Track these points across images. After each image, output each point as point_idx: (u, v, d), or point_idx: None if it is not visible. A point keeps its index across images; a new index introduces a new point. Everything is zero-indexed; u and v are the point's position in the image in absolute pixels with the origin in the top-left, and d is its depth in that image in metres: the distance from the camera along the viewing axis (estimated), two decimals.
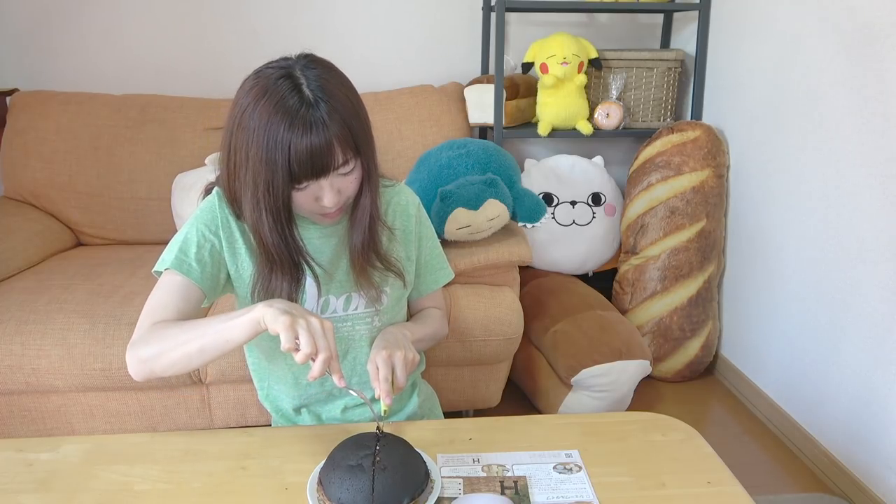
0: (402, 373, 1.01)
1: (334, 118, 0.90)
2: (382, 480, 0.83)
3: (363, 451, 0.86)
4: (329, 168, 0.92)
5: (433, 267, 1.23)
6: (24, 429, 1.71)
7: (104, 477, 0.92)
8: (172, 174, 2.18)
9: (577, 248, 2.33)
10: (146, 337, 0.94)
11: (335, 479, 0.84)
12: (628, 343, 1.90)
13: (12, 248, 1.96)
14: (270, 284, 1.00)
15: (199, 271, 1.01)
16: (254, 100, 0.91)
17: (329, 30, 2.45)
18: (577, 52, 2.19)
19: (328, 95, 0.91)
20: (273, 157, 0.89)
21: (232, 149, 0.95)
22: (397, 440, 0.91)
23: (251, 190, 0.93)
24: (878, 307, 1.59)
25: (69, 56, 2.39)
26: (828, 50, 1.72)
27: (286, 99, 0.89)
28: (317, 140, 0.89)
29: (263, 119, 0.89)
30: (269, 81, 0.91)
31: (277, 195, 0.92)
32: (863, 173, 1.62)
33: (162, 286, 1.01)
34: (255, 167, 0.91)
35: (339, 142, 0.91)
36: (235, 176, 0.96)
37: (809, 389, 1.86)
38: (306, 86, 0.90)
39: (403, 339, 1.07)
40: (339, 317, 1.10)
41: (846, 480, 1.70)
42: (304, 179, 0.92)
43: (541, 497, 0.88)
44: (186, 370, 0.93)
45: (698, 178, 2.16)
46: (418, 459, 0.90)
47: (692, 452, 0.98)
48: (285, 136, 0.88)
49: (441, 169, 1.85)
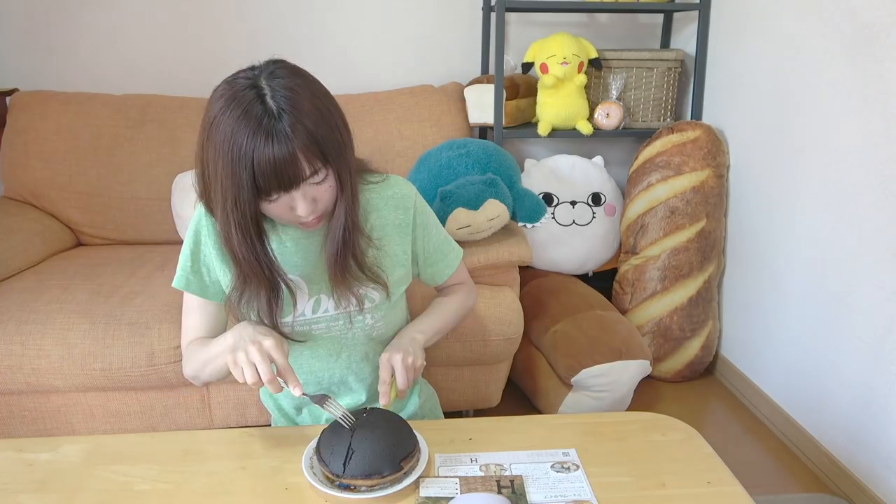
0: (403, 376, 1.01)
1: (297, 129, 0.87)
2: (365, 441, 0.89)
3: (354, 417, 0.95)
4: (298, 180, 0.89)
5: (442, 252, 1.20)
6: (24, 429, 1.71)
7: (104, 477, 0.92)
8: (172, 174, 2.18)
9: (577, 248, 2.33)
10: (185, 357, 1.09)
11: (322, 440, 0.93)
12: (628, 343, 1.90)
13: (12, 248, 1.96)
14: (246, 295, 1.00)
15: (197, 284, 1.07)
16: (220, 111, 0.89)
17: (329, 30, 2.45)
18: (577, 52, 2.19)
19: (292, 105, 0.88)
20: (238, 172, 0.87)
21: (203, 162, 0.93)
22: (390, 413, 0.97)
23: (220, 204, 0.92)
24: (878, 307, 1.59)
25: (69, 56, 2.40)
26: (828, 50, 1.72)
27: (249, 110, 0.86)
28: (279, 152, 0.86)
29: (228, 132, 0.87)
30: (235, 91, 0.89)
31: (245, 210, 0.91)
32: (863, 173, 1.62)
33: (185, 306, 1.12)
34: (223, 182, 0.89)
35: (303, 153, 0.88)
36: (208, 189, 0.95)
37: (809, 389, 1.86)
38: (270, 97, 0.87)
39: (409, 344, 1.07)
40: (332, 315, 1.10)
41: (846, 481, 1.70)
42: (272, 192, 0.90)
43: (538, 496, 0.88)
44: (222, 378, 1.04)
45: (698, 178, 2.16)
46: (407, 429, 0.94)
47: (692, 452, 0.98)
48: (247, 150, 0.86)
49: (441, 169, 1.85)
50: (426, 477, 0.91)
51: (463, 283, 1.27)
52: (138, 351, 1.62)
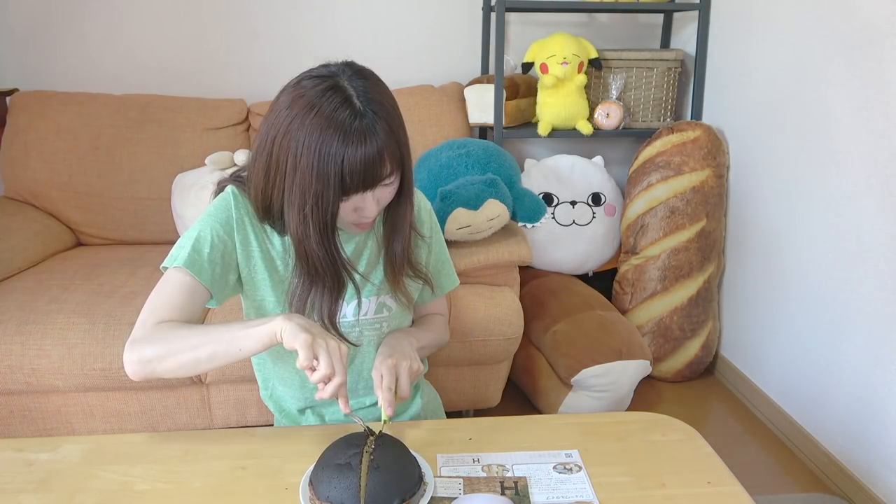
0: (406, 383, 1.00)
1: (384, 129, 0.90)
2: (373, 479, 0.82)
3: (353, 449, 0.85)
4: (379, 179, 0.92)
5: (440, 273, 1.22)
6: (24, 429, 1.71)
7: (104, 477, 0.92)
8: (172, 174, 2.18)
9: (577, 248, 2.33)
10: (150, 336, 0.92)
11: (324, 478, 0.83)
12: (628, 343, 1.90)
13: (12, 248, 1.96)
14: (310, 297, 0.99)
15: (209, 272, 0.99)
16: (301, 111, 0.89)
17: (329, 30, 2.45)
18: (577, 52, 2.19)
19: (378, 106, 0.90)
20: (325, 170, 0.88)
21: (274, 158, 0.92)
22: (392, 440, 0.90)
23: (298, 203, 0.91)
24: (879, 307, 1.59)
25: (69, 56, 2.39)
26: (828, 50, 1.72)
27: (338, 111, 0.88)
28: (370, 152, 0.89)
29: (315, 132, 0.88)
30: (315, 93, 0.90)
31: (326, 208, 0.91)
32: (863, 173, 1.62)
33: (168, 284, 0.98)
34: (303, 180, 0.90)
35: (388, 153, 0.91)
36: (275, 186, 0.94)
37: (809, 389, 1.86)
38: (356, 97, 0.90)
39: (409, 348, 1.07)
40: (349, 322, 1.09)
41: (846, 480, 1.70)
42: (352, 192, 0.91)
43: (541, 497, 0.88)
44: (190, 374, 0.92)
45: (698, 178, 2.16)
46: (412, 461, 0.88)
47: (692, 452, 0.98)
48: (339, 149, 0.87)
49: (441, 169, 1.85)
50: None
51: (441, 314, 1.27)
52: None
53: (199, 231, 1.00)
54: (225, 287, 1.02)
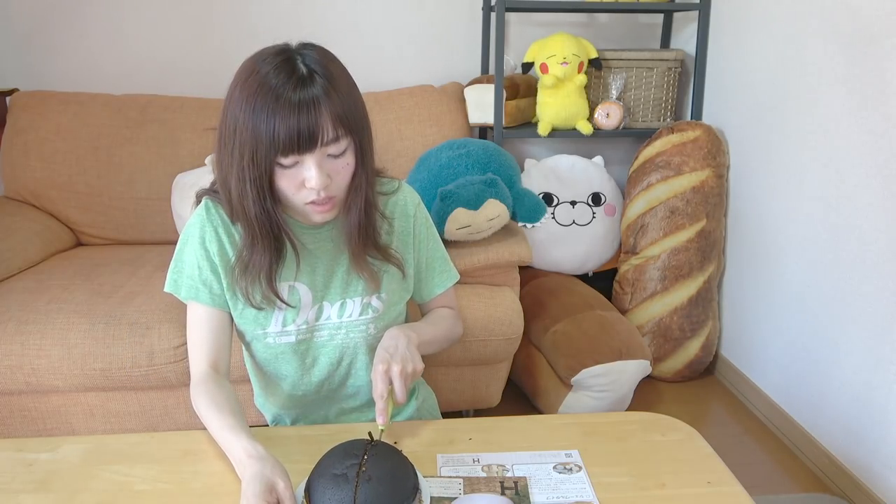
0: (401, 388, 0.96)
1: (324, 89, 0.88)
2: (366, 491, 0.81)
3: (350, 459, 0.84)
4: (316, 141, 0.88)
5: (436, 269, 1.18)
6: (24, 429, 1.71)
7: (104, 477, 0.92)
8: (172, 174, 2.18)
9: (577, 248, 2.33)
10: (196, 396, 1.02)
11: (319, 488, 0.83)
12: (628, 343, 1.90)
13: (12, 248, 1.96)
14: (252, 258, 0.99)
15: (208, 293, 1.03)
16: (246, 75, 0.90)
17: (329, 30, 2.45)
18: (577, 52, 2.19)
19: (321, 68, 0.89)
20: (258, 126, 0.87)
21: (222, 125, 0.93)
22: (388, 450, 0.88)
23: (237, 162, 0.91)
24: (879, 307, 1.59)
25: (69, 56, 2.39)
26: (828, 50, 1.72)
27: (278, 70, 0.87)
28: (305, 109, 0.86)
29: (252, 89, 0.87)
30: (262, 57, 0.90)
31: (261, 164, 0.89)
32: (863, 173, 1.62)
33: (191, 320, 1.05)
34: (241, 137, 0.89)
35: (330, 114, 0.88)
36: (224, 152, 0.94)
37: (809, 389, 1.86)
38: (301, 61, 0.89)
39: (405, 347, 1.01)
40: (334, 324, 1.09)
41: (846, 480, 1.70)
42: (289, 152, 0.88)
43: (541, 497, 0.88)
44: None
45: (698, 178, 2.16)
46: (407, 471, 0.86)
47: (692, 452, 0.98)
48: (272, 104, 0.86)
49: (441, 169, 1.85)
50: (428, 477, 0.91)
51: (451, 307, 1.23)
52: (138, 351, 1.62)
53: (185, 255, 1.05)
54: (233, 296, 1.05)
